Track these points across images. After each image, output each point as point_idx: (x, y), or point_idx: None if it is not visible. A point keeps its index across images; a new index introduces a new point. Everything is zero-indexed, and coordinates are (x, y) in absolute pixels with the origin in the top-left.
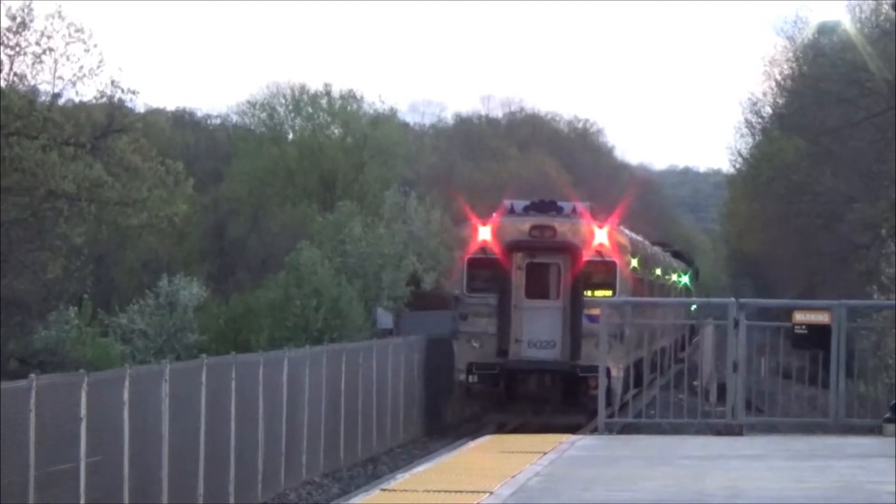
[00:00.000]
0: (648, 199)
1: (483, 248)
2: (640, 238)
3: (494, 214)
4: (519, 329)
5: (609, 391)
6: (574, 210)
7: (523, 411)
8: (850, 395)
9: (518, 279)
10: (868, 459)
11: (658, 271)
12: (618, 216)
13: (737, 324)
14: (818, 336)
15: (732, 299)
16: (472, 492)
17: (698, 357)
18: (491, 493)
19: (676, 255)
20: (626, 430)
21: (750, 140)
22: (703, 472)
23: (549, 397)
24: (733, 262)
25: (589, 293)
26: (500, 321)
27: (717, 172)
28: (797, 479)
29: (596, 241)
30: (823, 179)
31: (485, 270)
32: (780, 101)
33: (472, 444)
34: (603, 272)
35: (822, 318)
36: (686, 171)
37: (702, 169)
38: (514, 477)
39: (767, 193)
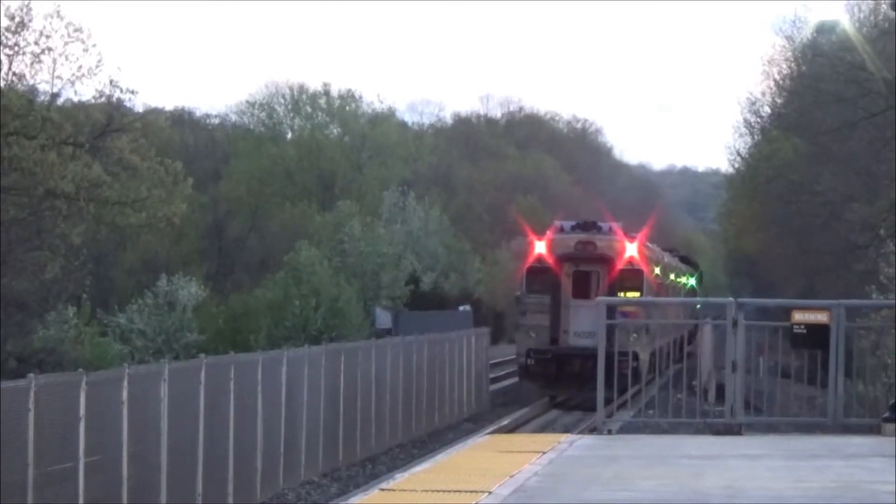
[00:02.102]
0: (648, 199)
1: (539, 259)
2: (658, 249)
3: (547, 232)
4: (567, 322)
5: (637, 371)
6: (610, 229)
7: (569, 387)
8: (848, 395)
9: (566, 283)
10: (867, 459)
11: (672, 276)
12: (645, 234)
13: (735, 323)
14: (817, 336)
15: (731, 299)
16: (471, 491)
17: (698, 355)
18: (490, 492)
19: (683, 259)
20: (625, 429)
21: (749, 140)
22: (701, 471)
23: (590, 376)
24: (732, 262)
25: (622, 294)
26: (552, 316)
27: (716, 172)
28: (796, 479)
29: (627, 254)
30: (822, 179)
31: (540, 276)
32: (779, 100)
33: (471, 444)
34: (633, 278)
35: (820, 317)
36: (685, 171)
37: (701, 169)
38: (512, 476)
39: (766, 193)
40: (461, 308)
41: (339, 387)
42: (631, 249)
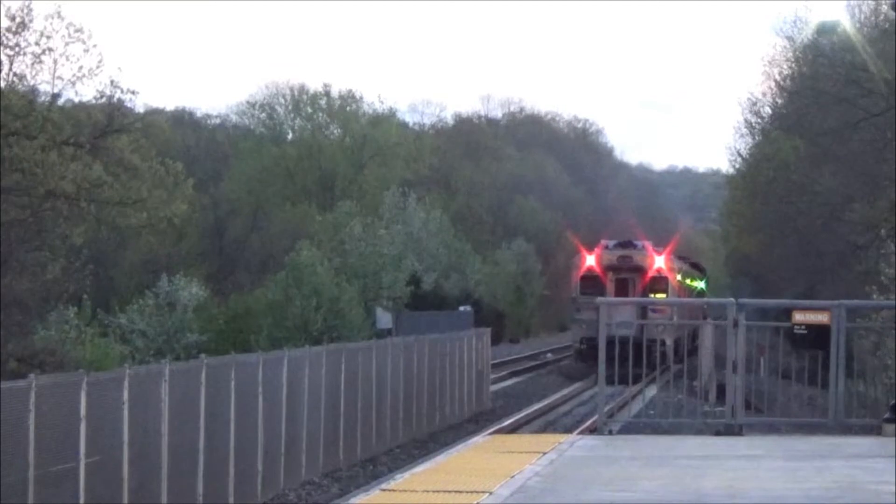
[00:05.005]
0: (649, 199)
1: (589, 269)
2: (680, 259)
3: (596, 248)
4: (612, 317)
5: (664, 353)
6: (643, 246)
7: (612, 365)
8: (849, 396)
9: (610, 287)
10: (867, 460)
11: (688, 280)
12: (670, 249)
13: (736, 324)
14: (817, 336)
15: (732, 299)
16: (472, 492)
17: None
18: (490, 493)
19: (694, 265)
20: (626, 429)
21: (749, 140)
22: (702, 472)
23: (626, 357)
24: (732, 262)
25: (652, 295)
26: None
27: (717, 173)
28: (796, 480)
29: (656, 265)
30: (823, 180)
31: (590, 282)
32: (780, 101)
33: (472, 444)
34: (660, 284)
35: (821, 318)
36: (686, 172)
37: (701, 169)
38: (513, 477)
39: (767, 194)
40: (462, 308)
41: (340, 387)
42: (659, 262)
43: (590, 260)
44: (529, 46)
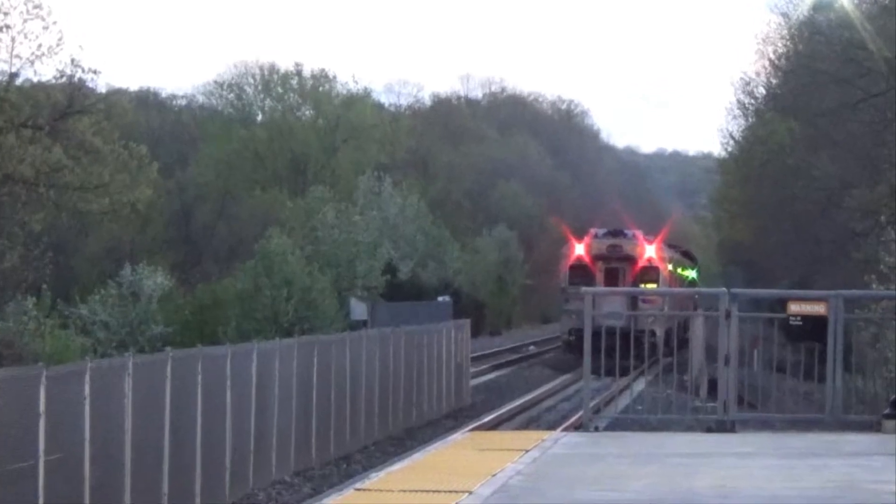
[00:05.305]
0: (636, 183)
1: (578, 258)
2: (671, 248)
3: (585, 237)
4: (599, 308)
5: (654, 344)
6: (634, 234)
7: (601, 356)
8: (847, 390)
9: (599, 277)
10: (866, 457)
11: (679, 270)
12: (661, 238)
13: (728, 315)
14: (814, 328)
15: (724, 289)
16: (451, 491)
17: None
18: (470, 492)
19: (685, 254)
20: (613, 426)
21: (742, 122)
22: (692, 470)
23: (615, 348)
24: (724, 251)
25: (643, 285)
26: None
27: (708, 156)
28: (792, 478)
29: (647, 255)
30: (820, 163)
31: (579, 271)
32: (774, 81)
33: (451, 442)
34: (651, 273)
35: (818, 308)
36: (675, 155)
37: (691, 152)
38: (494, 476)
39: (761, 178)
40: (440, 299)
41: (312, 381)
42: (650, 251)
43: (579, 249)
44: (511, 24)
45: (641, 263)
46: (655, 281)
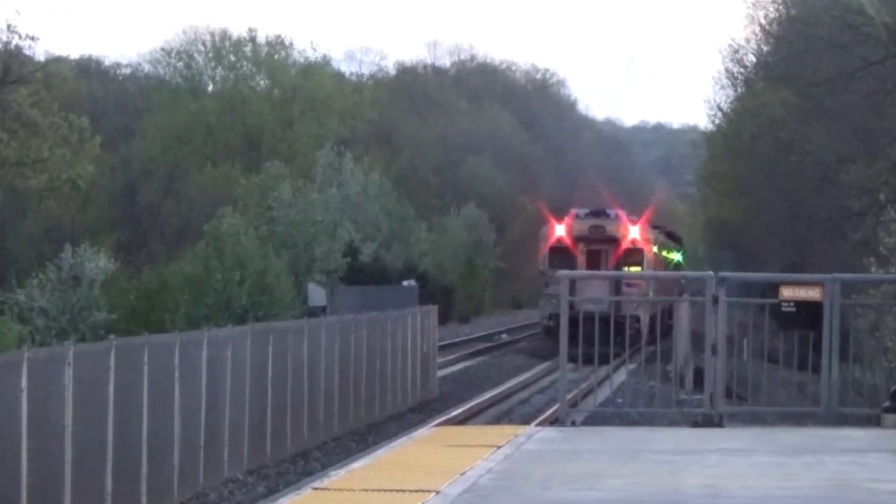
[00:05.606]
0: (617, 158)
1: (559, 240)
2: (655, 229)
3: (566, 218)
4: (582, 292)
5: (639, 330)
6: (617, 215)
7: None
8: (844, 382)
9: (581, 260)
10: (864, 454)
11: (664, 252)
12: (646, 218)
13: (716, 301)
14: (808, 314)
15: (711, 273)
16: (416, 491)
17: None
18: (437, 492)
19: (670, 235)
20: (592, 420)
21: (731, 92)
22: (677, 468)
23: (601, 335)
24: (712, 231)
25: (626, 269)
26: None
27: (694, 129)
28: (784, 477)
29: (631, 236)
30: (814, 137)
31: (560, 254)
32: (766, 48)
33: (416, 437)
34: (635, 256)
35: (812, 293)
36: (658, 128)
37: (676, 125)
38: (463, 474)
39: (750, 153)
40: (405, 283)
41: (267, 373)
42: (634, 232)
43: (559, 230)
44: None
45: (625, 245)
46: (640, 264)
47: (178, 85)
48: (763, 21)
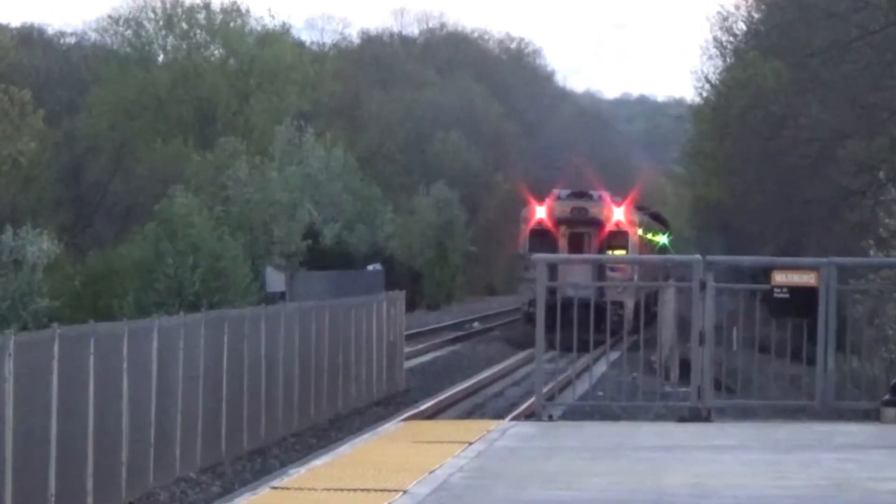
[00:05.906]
0: (598, 133)
1: (540, 222)
2: (640, 210)
3: (547, 199)
4: (563, 277)
5: (623, 318)
6: (600, 196)
7: (564, 329)
8: (840, 374)
9: (563, 243)
10: (863, 451)
11: (650, 235)
12: (631, 200)
13: (703, 286)
14: (803, 301)
15: (698, 256)
16: (382, 490)
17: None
18: (405, 491)
19: (655, 216)
20: (570, 414)
21: (720, 63)
22: (662, 466)
23: (583, 322)
24: (699, 212)
25: (610, 252)
26: (550, 271)
27: (680, 102)
28: (777, 475)
29: (615, 218)
30: (809, 111)
31: (541, 237)
32: (757, 15)
33: (382, 433)
34: (619, 239)
35: (807, 279)
36: (642, 101)
37: (661, 98)
38: (432, 472)
39: (741, 128)
40: (370, 267)
41: (222, 363)
42: (618, 214)
43: (540, 212)
44: None
45: (609, 228)
46: (624, 247)
47: (127, 55)
48: None
